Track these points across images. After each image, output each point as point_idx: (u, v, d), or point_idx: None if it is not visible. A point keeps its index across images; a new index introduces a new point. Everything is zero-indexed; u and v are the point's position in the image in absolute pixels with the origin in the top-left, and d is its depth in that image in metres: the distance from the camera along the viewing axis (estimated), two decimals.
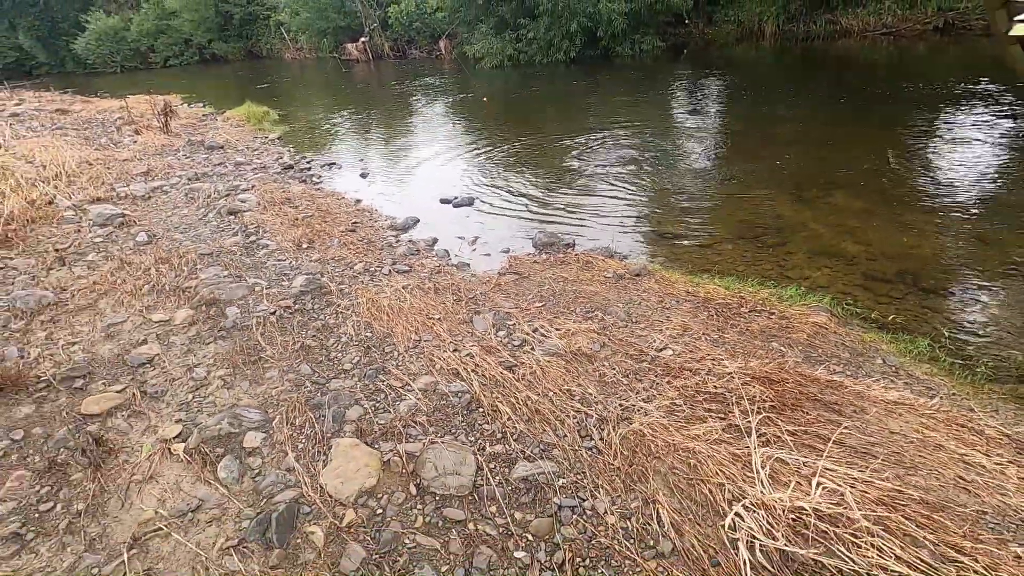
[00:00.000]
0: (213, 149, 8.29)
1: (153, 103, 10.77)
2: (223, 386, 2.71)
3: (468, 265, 4.16)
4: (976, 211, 4.31)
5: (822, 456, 1.92)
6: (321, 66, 23.01)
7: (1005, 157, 5.44)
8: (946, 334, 2.89)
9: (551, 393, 2.52)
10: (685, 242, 4.28)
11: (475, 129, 9.07)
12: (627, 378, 2.59)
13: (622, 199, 5.30)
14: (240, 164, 7.40)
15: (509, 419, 2.36)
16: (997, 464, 1.87)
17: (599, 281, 3.65)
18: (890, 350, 2.74)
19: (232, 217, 5.20)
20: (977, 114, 6.74)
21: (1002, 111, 6.74)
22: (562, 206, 5.25)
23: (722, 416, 2.23)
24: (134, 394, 2.66)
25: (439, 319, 3.26)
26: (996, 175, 5.02)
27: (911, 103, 7.52)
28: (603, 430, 2.26)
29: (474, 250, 4.48)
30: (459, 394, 2.57)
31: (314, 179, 6.77)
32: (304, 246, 4.45)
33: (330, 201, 5.67)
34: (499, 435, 2.30)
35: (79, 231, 5.11)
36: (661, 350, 2.79)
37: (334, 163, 7.54)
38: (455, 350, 2.93)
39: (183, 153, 8.08)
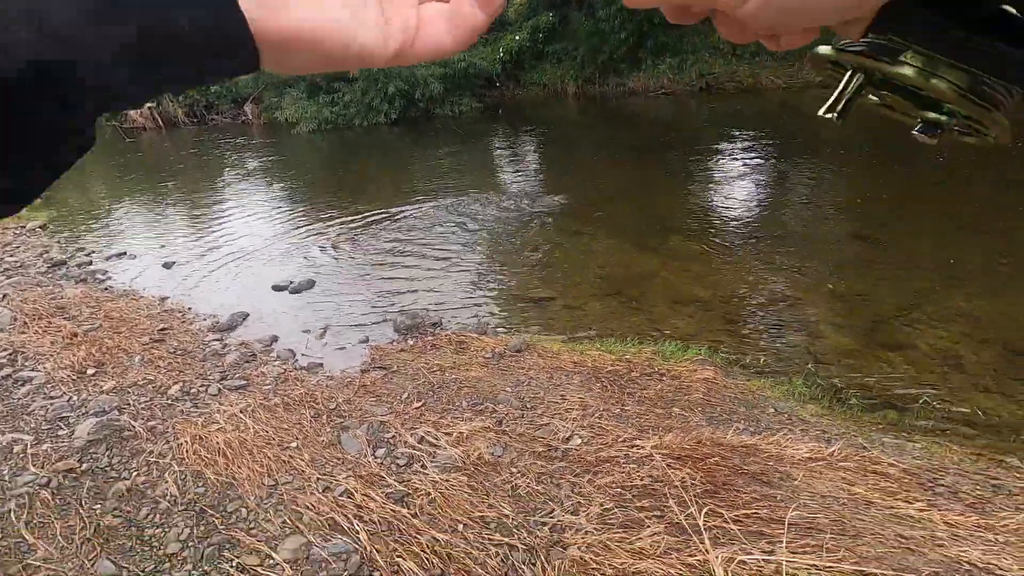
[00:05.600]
0: None
1: None
2: None
3: (321, 365, 3.52)
4: (784, 244, 4.90)
5: (775, 544, 1.76)
6: (97, 136, 19.80)
7: (780, 192, 6.43)
8: (811, 368, 3.08)
9: (461, 525, 2.07)
10: (553, 305, 4.17)
11: (302, 201, 8.30)
12: (543, 485, 2.24)
13: (476, 265, 5.09)
14: None
15: None
16: (922, 512, 1.88)
17: (479, 364, 3.31)
18: (775, 396, 2.81)
19: None
20: (742, 157, 7.95)
21: (758, 153, 8.06)
22: (416, 279, 4.85)
23: (659, 514, 1.99)
24: None
25: (297, 447, 2.61)
26: (779, 208, 5.87)
27: (698, 150, 8.67)
28: (535, 565, 1.87)
29: (325, 344, 3.84)
30: (343, 555, 1.99)
31: (98, 276, 5.45)
32: (90, 372, 3.40)
33: (124, 305, 4.54)
34: None
35: None
36: (569, 439, 2.51)
37: (125, 253, 6.20)
38: (326, 489, 2.32)
39: None
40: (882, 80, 0.32)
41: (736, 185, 6.79)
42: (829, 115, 0.34)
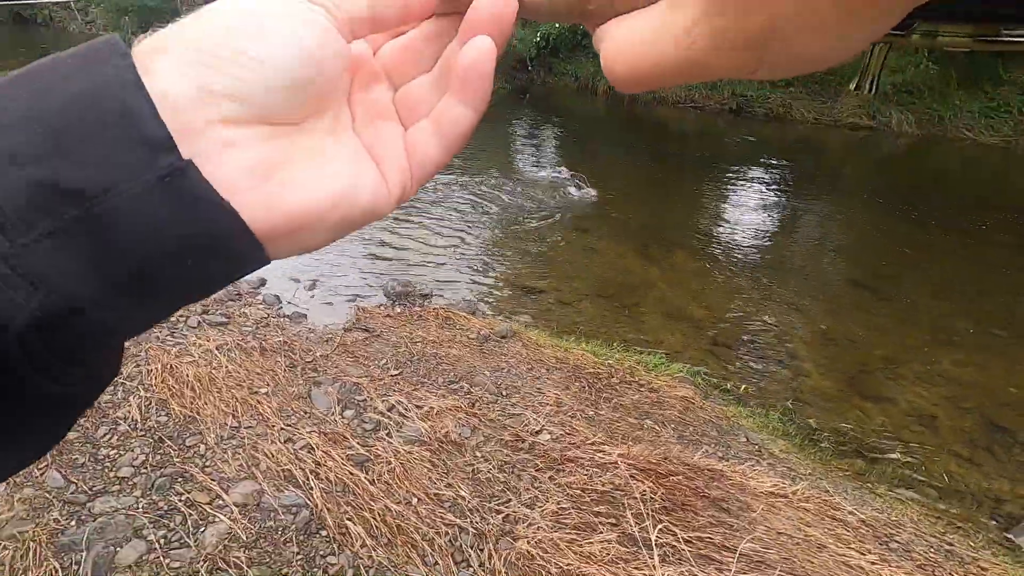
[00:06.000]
0: None
1: None
2: None
3: (305, 316, 3.49)
4: (784, 278, 4.88)
5: (724, 572, 1.76)
6: None
7: (790, 227, 6.40)
8: (789, 405, 3.08)
9: (416, 499, 2.06)
10: (546, 298, 4.14)
11: None
12: (504, 473, 2.23)
13: (478, 244, 5.04)
14: None
15: (363, 545, 1.84)
16: (873, 565, 1.89)
17: (462, 343, 3.28)
18: (750, 426, 2.81)
19: None
20: (759, 185, 7.90)
21: (775, 184, 8.02)
22: (415, 250, 4.81)
23: (614, 522, 1.98)
24: None
25: (267, 394, 2.58)
26: (786, 242, 5.85)
27: (718, 170, 8.60)
28: (483, 551, 1.86)
29: (312, 296, 3.80)
30: (294, 508, 1.97)
31: None
32: None
33: None
34: (349, 571, 1.76)
35: None
36: (538, 433, 2.50)
37: None
38: (288, 440, 2.30)
39: None
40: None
41: (748, 212, 6.75)
42: (858, 91, 0.34)
